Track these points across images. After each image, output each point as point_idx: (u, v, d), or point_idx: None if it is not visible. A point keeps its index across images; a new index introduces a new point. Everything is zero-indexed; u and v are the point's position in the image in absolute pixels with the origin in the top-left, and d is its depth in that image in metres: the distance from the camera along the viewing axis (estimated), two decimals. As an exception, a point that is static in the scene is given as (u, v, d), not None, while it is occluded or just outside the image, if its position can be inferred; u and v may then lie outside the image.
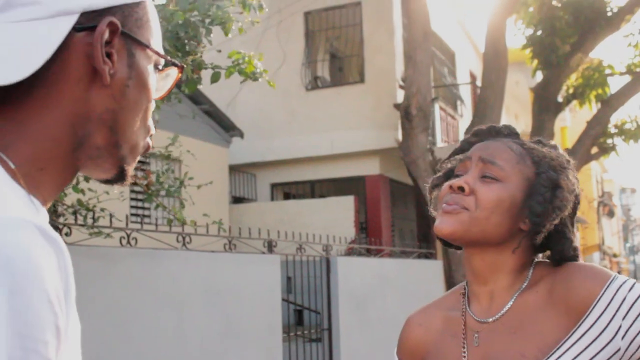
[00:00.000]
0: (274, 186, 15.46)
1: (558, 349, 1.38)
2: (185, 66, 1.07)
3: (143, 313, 5.29)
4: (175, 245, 5.89)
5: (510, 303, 1.48)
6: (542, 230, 1.47)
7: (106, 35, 0.89)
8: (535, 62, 14.17)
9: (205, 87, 13.76)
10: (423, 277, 10.82)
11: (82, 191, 4.95)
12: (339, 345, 8.11)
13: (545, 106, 13.79)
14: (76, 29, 0.88)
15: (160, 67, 1.01)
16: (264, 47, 14.58)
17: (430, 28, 11.93)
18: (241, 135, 14.05)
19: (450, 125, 15.55)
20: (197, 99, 13.07)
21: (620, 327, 1.36)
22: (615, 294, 1.38)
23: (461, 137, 14.72)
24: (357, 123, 13.77)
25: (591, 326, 1.38)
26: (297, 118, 14.45)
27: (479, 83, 14.51)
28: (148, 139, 1.01)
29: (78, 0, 0.88)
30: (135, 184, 5.22)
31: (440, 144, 14.35)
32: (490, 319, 1.49)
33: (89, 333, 4.90)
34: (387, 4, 13.89)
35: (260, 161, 14.83)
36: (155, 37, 0.99)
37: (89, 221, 5.18)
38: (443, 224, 1.47)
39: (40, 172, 0.88)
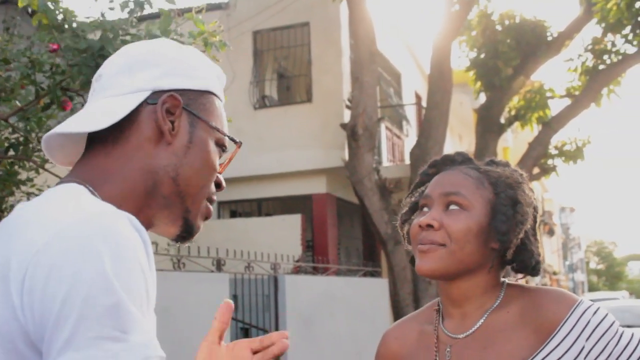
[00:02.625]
0: (220, 204, 15.41)
1: None
2: (242, 142, 1.33)
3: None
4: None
5: (481, 321, 1.57)
6: (511, 246, 1.57)
7: (167, 104, 1.18)
8: (479, 83, 14.51)
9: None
10: (369, 295, 10.92)
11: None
12: (286, 364, 8.14)
13: (489, 127, 14.09)
14: (148, 102, 1.18)
15: (225, 148, 1.28)
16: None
17: (376, 49, 12.10)
18: (188, 153, 13.99)
19: (396, 145, 15.76)
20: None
21: (583, 347, 1.47)
22: (580, 317, 1.49)
23: (407, 156, 14.92)
24: (305, 142, 13.85)
25: (557, 345, 1.48)
26: (244, 136, 14.37)
27: (424, 104, 14.75)
28: (210, 205, 1.25)
29: (150, 83, 1.19)
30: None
31: (386, 163, 14.53)
32: (462, 335, 1.57)
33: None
34: (335, 25, 14.04)
35: (207, 179, 14.74)
36: (218, 122, 1.26)
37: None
38: (423, 264, 1.55)
39: (120, 208, 1.07)
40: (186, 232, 1.23)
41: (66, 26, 3.95)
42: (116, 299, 0.93)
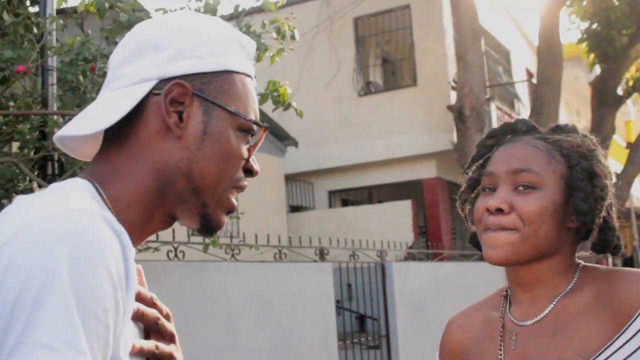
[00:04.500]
0: (331, 193, 15.45)
1: (599, 355, 1.31)
2: (269, 126, 1.18)
3: (192, 328, 5.31)
4: (225, 257, 5.91)
5: (551, 306, 1.41)
6: (593, 227, 1.41)
7: (173, 93, 1.07)
8: (592, 55, 13.85)
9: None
10: (484, 280, 10.62)
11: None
12: (397, 351, 8.02)
13: (604, 100, 13.46)
14: (155, 92, 1.07)
15: (252, 132, 1.15)
16: (316, 55, 14.64)
17: (479, 26, 11.77)
18: (295, 144, 14.09)
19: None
20: (250, 110, 13.15)
21: None
22: None
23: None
24: (412, 127, 13.67)
25: (635, 334, 1.30)
26: (351, 124, 14.41)
27: (535, 80, 14.24)
28: (233, 199, 1.14)
29: (155, 70, 1.08)
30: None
31: (497, 143, 14.13)
32: (529, 322, 1.43)
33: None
34: (436, 5, 13.77)
35: (316, 169, 14.84)
36: (241, 105, 1.12)
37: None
38: (493, 252, 1.39)
39: (128, 210, 1.05)
40: (206, 227, 1.13)
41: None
42: (66, 305, 0.84)
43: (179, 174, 1.08)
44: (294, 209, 15.06)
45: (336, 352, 6.95)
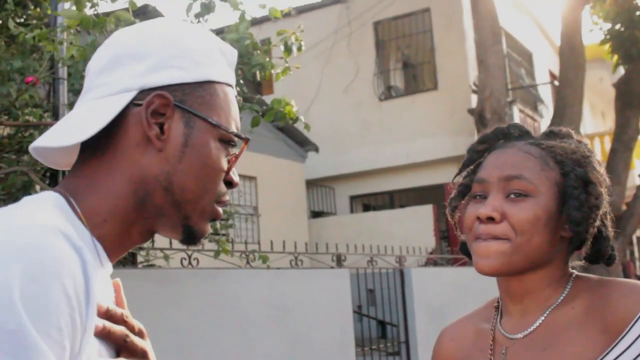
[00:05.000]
0: (352, 198, 15.40)
1: None
2: (250, 139, 1.16)
3: (207, 335, 5.29)
4: (240, 264, 5.88)
5: (542, 318, 1.36)
6: (587, 237, 1.35)
7: (154, 105, 1.04)
8: (615, 57, 13.65)
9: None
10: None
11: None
12: (417, 358, 7.95)
13: (629, 102, 13.22)
14: (135, 103, 1.04)
15: (233, 143, 1.12)
16: (335, 60, 14.60)
17: (500, 28, 11.66)
18: (316, 149, 14.06)
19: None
20: (270, 115, 13.16)
21: None
22: None
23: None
24: (433, 130, 13.59)
25: (628, 347, 1.25)
26: (371, 129, 14.36)
27: (557, 82, 14.08)
28: (218, 207, 1.11)
29: (135, 81, 1.05)
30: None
31: (520, 146, 13.99)
32: (519, 335, 1.38)
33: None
34: (456, 8, 13.68)
35: (337, 174, 14.80)
36: (222, 115, 1.10)
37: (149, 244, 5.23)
38: (483, 262, 1.34)
39: (104, 224, 1.02)
40: (189, 238, 1.10)
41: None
42: (16, 325, 0.81)
43: (159, 188, 1.05)
44: (315, 214, 15.02)
45: (354, 359, 6.90)
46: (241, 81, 4.48)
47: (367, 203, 15.74)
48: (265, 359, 5.76)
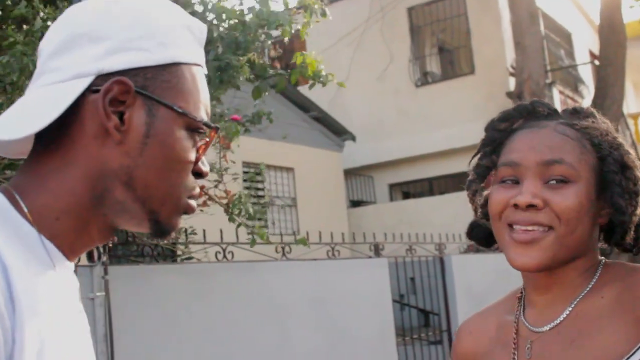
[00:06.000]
0: (392, 187, 15.30)
1: None
2: (219, 128, 1.06)
3: (244, 328, 5.27)
4: (276, 256, 5.84)
5: (569, 309, 1.25)
6: (631, 226, 1.25)
7: (113, 92, 0.93)
8: (657, 33, 13.34)
9: (312, 94, 13.82)
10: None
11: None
12: (460, 347, 7.85)
13: (672, 79, 12.94)
14: (92, 90, 0.94)
15: (202, 131, 1.02)
16: (368, 47, 14.49)
17: (536, 9, 11.47)
18: (353, 138, 13.98)
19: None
20: (305, 106, 13.11)
21: None
22: None
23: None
24: (471, 115, 13.41)
25: None
26: (408, 116, 14.24)
27: (598, 62, 13.80)
28: (190, 201, 1.02)
29: (92, 65, 0.94)
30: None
31: (561, 128, 13.76)
32: (545, 328, 1.27)
33: (191, 351, 4.92)
34: (491, -11, 13.48)
35: (376, 162, 14.71)
36: (190, 101, 1.00)
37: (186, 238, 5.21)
38: (524, 257, 1.21)
39: (57, 222, 0.94)
40: (157, 233, 1.01)
41: None
42: None
43: (118, 183, 0.95)
44: (355, 203, 14.95)
45: (395, 349, 6.83)
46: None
47: (407, 191, 15.62)
48: (303, 351, 5.73)
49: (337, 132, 13.82)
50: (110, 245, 4.99)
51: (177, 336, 4.71)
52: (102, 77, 0.94)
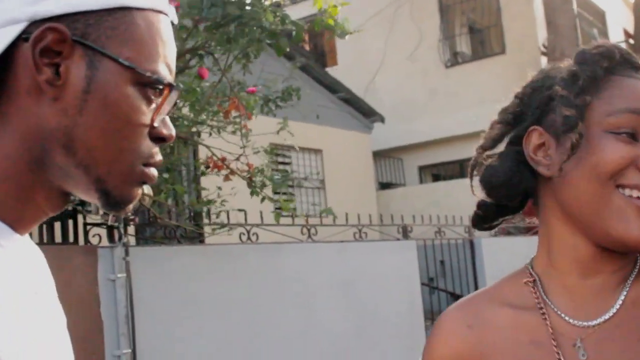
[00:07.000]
0: (421, 169, 15.15)
1: None
2: (176, 85, 0.89)
3: (270, 310, 5.21)
4: (301, 238, 5.77)
5: (624, 294, 1.03)
6: None
7: (45, 42, 0.81)
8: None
9: (342, 75, 13.69)
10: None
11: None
12: (490, 330, 7.75)
13: None
14: (24, 39, 0.81)
15: (158, 87, 0.87)
16: (398, 28, 14.31)
17: (569, -14, 11.22)
18: (382, 120, 13.84)
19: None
20: (334, 87, 12.99)
21: None
22: None
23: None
24: (502, 96, 13.08)
25: None
26: (438, 96, 14.06)
27: (632, 41, 13.50)
28: (148, 169, 0.89)
29: (24, 9, 0.81)
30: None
31: (594, 109, 13.53)
32: (596, 321, 1.04)
33: (214, 334, 4.88)
34: (523, -33, 13.22)
35: (405, 144, 14.56)
36: (143, 52, 0.86)
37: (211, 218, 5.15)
38: None
39: None
40: (109, 205, 0.88)
41: None
42: None
43: (57, 145, 0.83)
44: (384, 185, 14.83)
45: (423, 331, 6.74)
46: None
47: (437, 173, 15.46)
48: (330, 334, 5.66)
49: (366, 114, 13.68)
50: (135, 226, 4.96)
51: (199, 318, 4.66)
52: (36, 24, 0.82)
